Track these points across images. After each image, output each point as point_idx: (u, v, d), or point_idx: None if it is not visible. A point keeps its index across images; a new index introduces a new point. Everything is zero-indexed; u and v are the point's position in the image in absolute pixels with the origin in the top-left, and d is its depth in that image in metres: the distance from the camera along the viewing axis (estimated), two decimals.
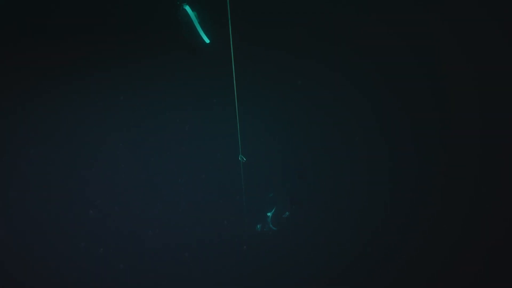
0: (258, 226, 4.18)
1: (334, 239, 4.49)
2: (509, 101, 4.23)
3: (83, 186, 4.14)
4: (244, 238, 4.35)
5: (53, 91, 4.10)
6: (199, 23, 3.60)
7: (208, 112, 4.39)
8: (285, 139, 4.59)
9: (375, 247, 4.45)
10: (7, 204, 3.93)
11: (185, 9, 3.57)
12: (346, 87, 4.47)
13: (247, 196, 4.12)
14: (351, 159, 4.60)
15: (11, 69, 4.03)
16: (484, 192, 4.29)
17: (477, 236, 4.25)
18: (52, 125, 4.12)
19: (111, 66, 4.24)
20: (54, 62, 4.04)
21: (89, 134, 4.18)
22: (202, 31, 3.60)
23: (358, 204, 4.56)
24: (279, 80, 4.43)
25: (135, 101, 4.28)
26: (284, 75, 4.43)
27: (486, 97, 4.33)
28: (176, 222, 4.32)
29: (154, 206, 4.32)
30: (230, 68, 3.53)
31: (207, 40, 3.63)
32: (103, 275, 4.07)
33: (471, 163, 4.37)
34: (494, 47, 4.32)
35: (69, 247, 4.02)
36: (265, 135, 4.48)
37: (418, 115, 4.46)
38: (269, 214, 4.13)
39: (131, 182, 4.29)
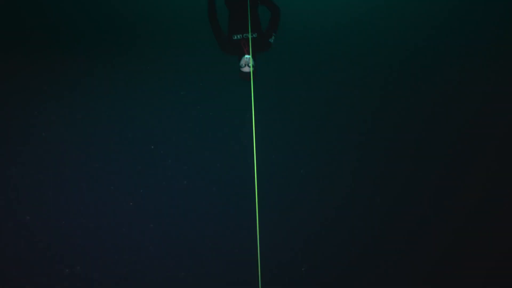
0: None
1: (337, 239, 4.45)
2: (510, 101, 4.24)
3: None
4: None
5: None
6: None
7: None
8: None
9: (379, 249, 4.41)
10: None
11: None
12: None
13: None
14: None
15: (8, 69, 4.01)
16: (484, 192, 4.29)
17: (478, 236, 4.25)
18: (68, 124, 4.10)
19: (111, 66, 4.23)
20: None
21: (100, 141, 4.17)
22: None
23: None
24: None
25: (145, 101, 4.26)
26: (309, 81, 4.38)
27: (486, 96, 4.33)
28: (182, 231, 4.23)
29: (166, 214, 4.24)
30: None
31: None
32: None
33: (471, 162, 4.38)
34: (494, 46, 4.32)
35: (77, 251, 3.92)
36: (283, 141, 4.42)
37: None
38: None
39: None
